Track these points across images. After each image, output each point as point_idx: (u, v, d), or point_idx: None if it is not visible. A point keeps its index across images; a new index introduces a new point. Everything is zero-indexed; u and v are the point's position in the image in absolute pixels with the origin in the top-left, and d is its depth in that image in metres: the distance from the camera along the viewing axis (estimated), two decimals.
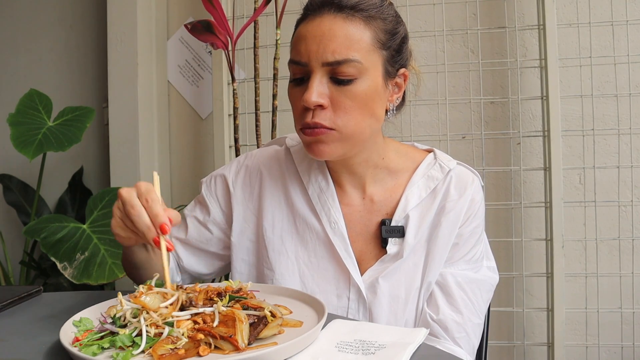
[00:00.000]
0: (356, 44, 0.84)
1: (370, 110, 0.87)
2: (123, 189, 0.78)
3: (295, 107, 0.89)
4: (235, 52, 1.68)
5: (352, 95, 0.85)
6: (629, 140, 1.75)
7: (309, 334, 0.66)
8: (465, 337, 0.91)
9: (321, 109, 0.85)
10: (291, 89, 0.89)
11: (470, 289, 0.92)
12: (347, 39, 0.83)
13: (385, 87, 0.89)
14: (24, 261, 2.00)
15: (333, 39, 0.83)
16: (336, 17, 0.85)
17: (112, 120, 2.08)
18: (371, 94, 0.86)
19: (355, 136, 0.87)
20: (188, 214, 1.05)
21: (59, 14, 2.37)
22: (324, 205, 0.95)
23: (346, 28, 0.84)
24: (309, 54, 0.84)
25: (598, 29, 1.74)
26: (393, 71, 0.90)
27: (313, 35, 0.85)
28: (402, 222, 0.93)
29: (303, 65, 0.85)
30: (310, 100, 0.83)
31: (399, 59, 0.90)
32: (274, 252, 0.97)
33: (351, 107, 0.85)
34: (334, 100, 0.85)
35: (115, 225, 0.80)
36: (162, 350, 0.62)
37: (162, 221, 0.75)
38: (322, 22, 0.85)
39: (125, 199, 0.76)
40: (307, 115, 0.86)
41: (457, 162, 0.98)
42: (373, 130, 0.90)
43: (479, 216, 0.95)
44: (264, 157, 1.03)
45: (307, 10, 0.89)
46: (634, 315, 1.73)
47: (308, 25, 0.86)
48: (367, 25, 0.85)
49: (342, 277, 0.93)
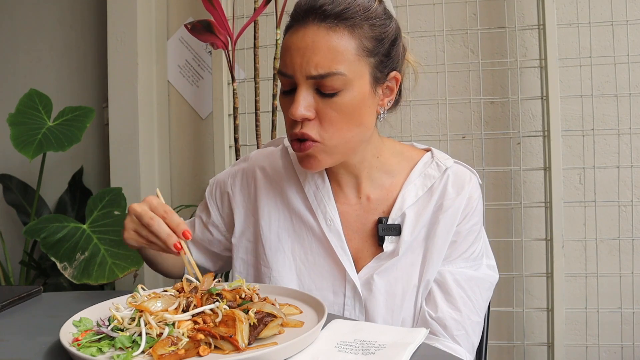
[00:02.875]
0: (340, 56, 0.82)
1: (358, 120, 0.86)
2: (134, 204, 0.84)
3: (286, 117, 0.89)
4: (235, 52, 1.68)
5: (337, 107, 0.84)
6: (629, 140, 1.75)
7: (309, 334, 0.66)
8: (465, 335, 0.91)
9: (308, 120, 0.85)
10: (281, 99, 0.89)
11: (469, 287, 0.92)
12: (330, 51, 0.82)
13: (374, 94, 0.88)
14: (24, 261, 2.00)
15: (316, 51, 0.82)
16: (319, 27, 0.83)
17: (112, 120, 2.08)
18: (357, 104, 0.85)
19: (340, 147, 0.87)
20: (197, 213, 1.11)
21: (59, 14, 2.37)
22: (320, 203, 0.96)
23: (330, 40, 0.82)
24: (294, 67, 0.83)
25: (598, 29, 1.74)
26: (382, 77, 0.88)
27: (297, 47, 0.83)
28: (398, 220, 0.93)
29: (289, 77, 0.85)
30: (297, 113, 0.83)
31: (389, 63, 0.88)
32: (270, 249, 0.98)
33: (337, 118, 0.84)
34: (320, 112, 0.84)
35: (129, 237, 0.86)
36: (162, 350, 0.62)
37: (184, 228, 0.83)
38: (306, 33, 0.83)
39: (142, 213, 0.83)
40: (295, 126, 0.86)
41: (454, 160, 0.98)
42: (362, 137, 0.89)
43: (477, 214, 0.95)
44: (261, 158, 1.04)
45: (293, 19, 0.87)
46: (634, 315, 1.73)
47: (293, 36, 0.85)
48: (352, 34, 0.83)
49: (338, 274, 0.94)
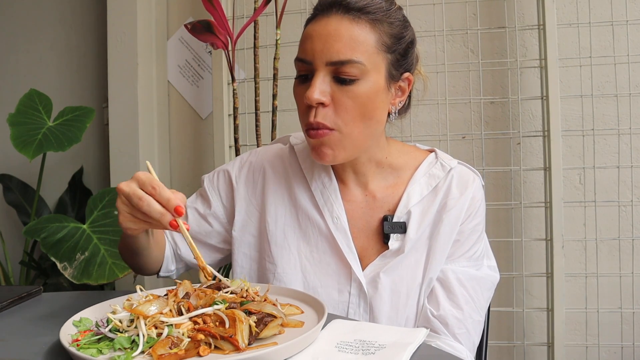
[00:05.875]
0: (360, 46, 0.85)
1: (371, 112, 0.88)
2: (122, 183, 0.77)
3: (300, 105, 0.90)
4: (235, 52, 1.68)
5: (353, 95, 0.86)
6: (629, 140, 1.75)
7: (309, 334, 0.66)
8: (466, 334, 0.91)
9: (323, 107, 0.86)
10: (296, 87, 0.91)
11: (471, 285, 0.93)
12: (352, 40, 0.85)
13: (388, 90, 0.90)
14: (24, 261, 2.00)
15: (338, 39, 0.85)
16: (343, 18, 0.86)
17: (112, 120, 2.08)
18: (372, 96, 0.87)
19: (354, 136, 0.88)
20: (189, 205, 1.06)
21: (59, 14, 2.37)
22: (327, 200, 0.96)
23: (352, 29, 0.85)
24: (314, 53, 0.86)
25: (598, 29, 1.74)
26: (397, 75, 0.91)
27: (319, 34, 0.86)
28: (403, 218, 0.94)
29: (308, 63, 0.87)
30: (312, 97, 0.85)
31: (404, 63, 0.92)
32: (276, 246, 0.98)
33: (352, 107, 0.86)
34: (336, 99, 0.86)
35: (125, 220, 0.78)
36: (162, 351, 0.62)
37: (176, 204, 0.75)
38: (329, 22, 0.86)
39: (130, 192, 0.75)
40: (310, 115, 0.87)
41: (458, 161, 0.99)
42: (373, 132, 0.91)
43: (479, 214, 0.96)
44: (268, 154, 1.05)
45: (317, 10, 0.90)
46: (634, 315, 1.73)
47: (316, 24, 0.88)
48: (373, 28, 0.87)
49: (343, 271, 0.94)
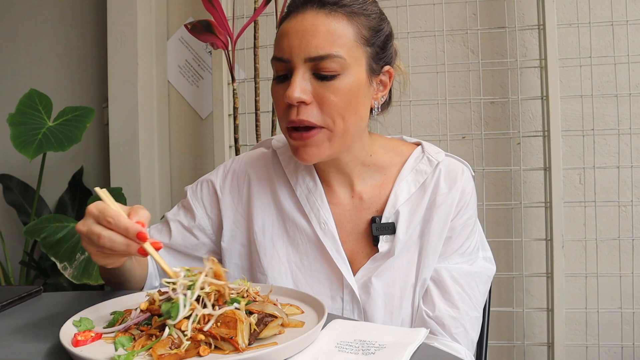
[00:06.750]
0: (339, 40, 0.83)
1: (355, 107, 0.86)
2: (79, 223, 0.74)
3: (279, 105, 0.87)
4: (235, 52, 1.68)
5: (335, 91, 0.83)
6: (629, 140, 1.75)
7: (309, 334, 0.66)
8: (463, 332, 0.89)
9: (304, 105, 0.83)
10: (274, 87, 0.88)
11: (466, 282, 0.91)
12: (329, 34, 0.82)
13: (370, 84, 0.88)
14: (24, 261, 2.00)
15: (316, 34, 0.82)
16: (319, 12, 0.84)
17: (112, 120, 2.08)
18: (355, 90, 0.85)
19: (342, 132, 0.85)
20: (172, 218, 1.02)
21: (59, 14, 2.37)
22: (313, 206, 0.94)
23: (329, 23, 0.83)
24: (291, 50, 0.83)
25: (598, 29, 1.74)
26: (377, 68, 0.89)
27: (296, 30, 0.84)
28: (392, 219, 0.91)
29: (285, 61, 0.84)
30: (293, 95, 0.82)
31: (384, 56, 0.89)
32: (265, 256, 0.95)
33: (335, 102, 0.83)
34: (318, 96, 0.83)
35: (97, 259, 0.75)
36: (162, 350, 0.62)
37: (135, 231, 0.69)
38: (305, 17, 0.84)
39: (87, 232, 0.72)
40: (291, 113, 0.84)
41: (445, 153, 0.96)
42: (358, 128, 0.88)
43: (470, 207, 0.93)
44: (251, 160, 1.02)
45: (291, 8, 0.88)
46: (634, 315, 1.73)
47: (291, 21, 0.85)
48: (350, 21, 0.84)
49: (334, 278, 0.92)
